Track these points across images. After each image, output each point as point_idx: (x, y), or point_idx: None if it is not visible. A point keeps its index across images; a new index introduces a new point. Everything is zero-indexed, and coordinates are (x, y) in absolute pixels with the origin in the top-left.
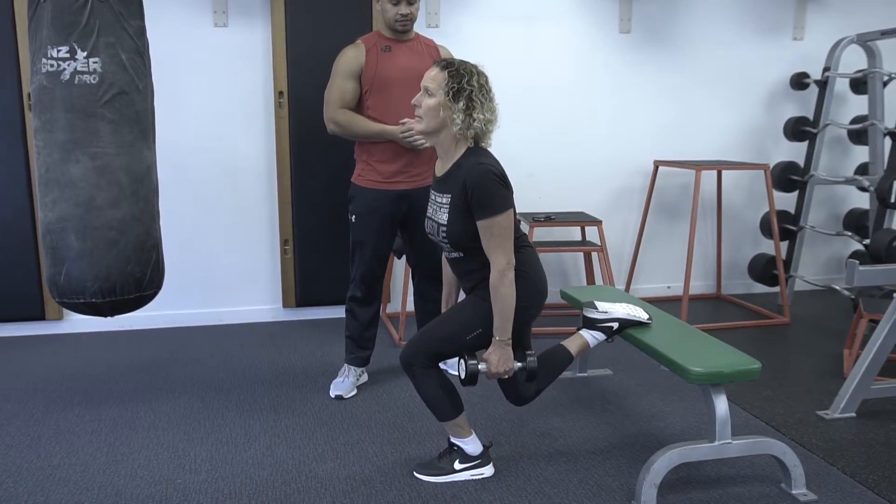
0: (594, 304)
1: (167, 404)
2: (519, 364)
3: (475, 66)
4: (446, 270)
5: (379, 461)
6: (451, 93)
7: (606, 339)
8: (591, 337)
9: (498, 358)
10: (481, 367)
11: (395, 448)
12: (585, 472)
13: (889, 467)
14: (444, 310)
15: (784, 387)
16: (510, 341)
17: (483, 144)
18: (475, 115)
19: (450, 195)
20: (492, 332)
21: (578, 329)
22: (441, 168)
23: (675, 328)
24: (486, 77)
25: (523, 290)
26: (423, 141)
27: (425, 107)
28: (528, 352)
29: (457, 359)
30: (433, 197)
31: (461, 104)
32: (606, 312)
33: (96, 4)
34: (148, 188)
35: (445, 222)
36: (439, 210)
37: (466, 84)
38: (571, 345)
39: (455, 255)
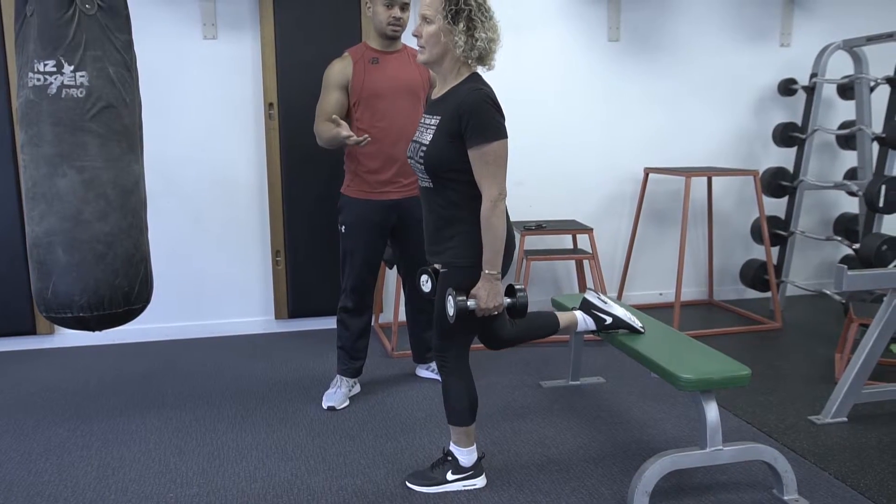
0: (598, 293)
1: (158, 418)
2: (509, 299)
3: None
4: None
5: (371, 472)
6: (449, 15)
7: (595, 332)
8: (582, 319)
9: (487, 293)
10: (470, 303)
11: (387, 459)
12: (578, 481)
13: (880, 471)
14: None
15: (776, 392)
16: (500, 275)
17: (487, 65)
18: (477, 35)
19: (440, 116)
20: (474, 305)
21: (573, 309)
22: (437, 92)
23: (666, 335)
24: None
25: None
26: (358, 139)
27: (426, 35)
28: (518, 286)
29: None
30: (423, 119)
31: (461, 25)
32: (607, 304)
33: (83, 18)
34: (136, 201)
35: (427, 142)
36: (425, 132)
37: (464, 4)
38: (562, 316)
39: (426, 183)
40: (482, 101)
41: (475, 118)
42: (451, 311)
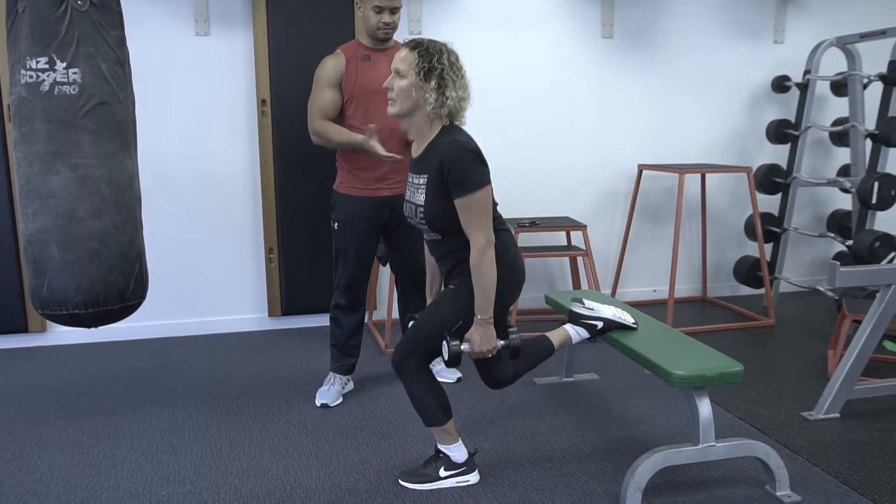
0: (582, 301)
1: (151, 415)
2: (502, 342)
3: (445, 45)
4: (428, 256)
5: (364, 469)
6: (422, 72)
7: (589, 339)
8: (574, 332)
9: (480, 337)
10: (464, 347)
11: (380, 456)
12: (571, 478)
13: (873, 467)
14: (428, 297)
15: (768, 388)
16: (492, 320)
17: (458, 122)
18: (448, 94)
19: (426, 175)
20: (470, 321)
21: (563, 323)
22: (417, 149)
23: (659, 332)
24: (457, 55)
25: (500, 277)
26: (393, 155)
27: (397, 89)
28: (511, 328)
29: (443, 363)
30: (410, 179)
31: (433, 83)
32: (593, 310)
33: (75, 15)
34: (130, 198)
35: (423, 203)
36: (416, 191)
37: (437, 62)
38: (554, 336)
39: (433, 236)
40: (461, 153)
41: (455, 170)
42: (445, 355)
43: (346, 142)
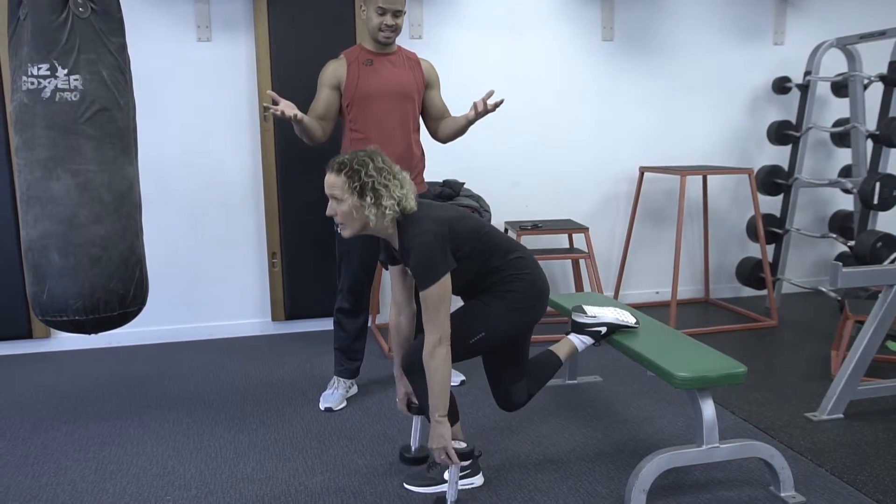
0: (583, 309)
1: (156, 420)
2: (462, 445)
3: (367, 153)
4: (398, 332)
5: (369, 473)
6: (355, 193)
7: (594, 344)
8: (579, 341)
9: (432, 436)
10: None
11: (385, 459)
12: (575, 480)
13: (877, 467)
14: (398, 377)
15: (772, 389)
16: (445, 419)
17: (408, 212)
18: (385, 203)
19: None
20: (496, 337)
21: (567, 334)
22: (396, 248)
23: (661, 333)
24: (382, 156)
25: (522, 291)
26: (281, 111)
27: (341, 214)
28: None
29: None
30: (407, 271)
31: (369, 198)
32: (595, 317)
33: (77, 22)
34: (130, 204)
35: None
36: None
37: (366, 177)
38: (560, 350)
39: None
40: (419, 249)
41: (415, 269)
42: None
43: (307, 126)
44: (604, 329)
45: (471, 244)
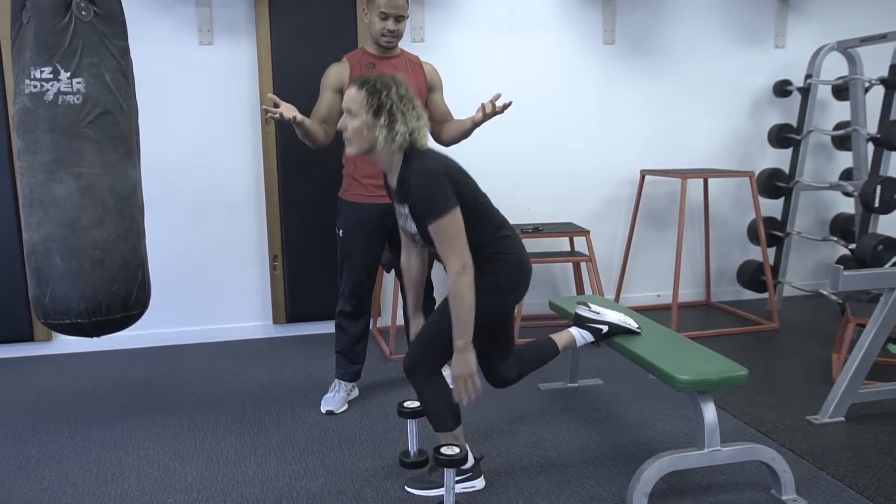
0: (588, 304)
1: (157, 423)
2: (455, 450)
3: (393, 78)
4: (409, 274)
5: (370, 476)
6: (371, 110)
7: (594, 343)
8: (579, 335)
9: (455, 363)
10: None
11: (386, 463)
12: (577, 483)
13: (878, 471)
14: (413, 317)
15: (773, 392)
16: (469, 346)
17: (419, 148)
18: (397, 129)
19: (407, 205)
20: (484, 322)
21: (569, 326)
22: (393, 180)
23: (662, 336)
24: (406, 86)
25: (507, 273)
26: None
27: (351, 129)
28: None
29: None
30: (397, 208)
31: (383, 119)
32: (598, 314)
33: (79, 25)
34: (133, 207)
35: (416, 231)
36: (407, 221)
37: (385, 98)
38: (559, 339)
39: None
40: (424, 182)
41: (421, 200)
42: None
43: (308, 129)
44: (605, 328)
45: (469, 207)
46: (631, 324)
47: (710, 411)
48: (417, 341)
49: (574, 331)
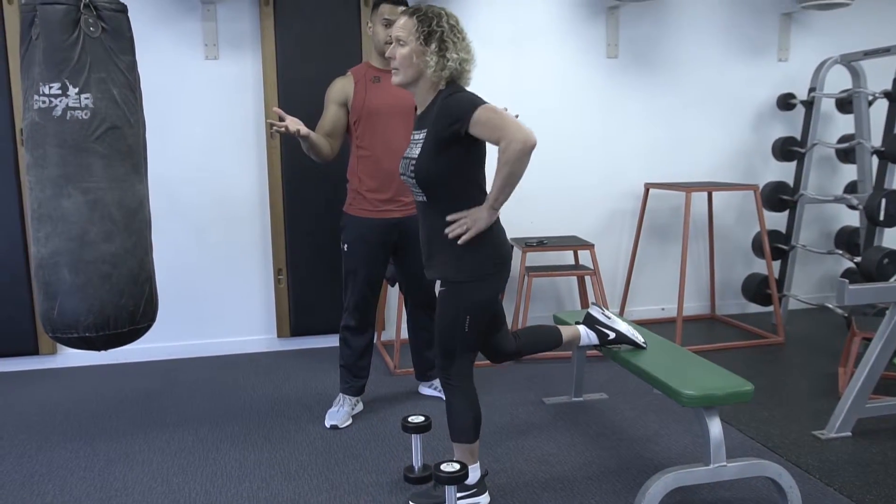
0: (602, 307)
1: (161, 437)
2: (455, 466)
3: (443, 9)
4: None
5: (374, 491)
6: (421, 37)
7: (597, 347)
8: (585, 334)
9: (478, 216)
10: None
11: (390, 477)
12: (582, 499)
13: (886, 486)
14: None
15: (779, 407)
16: (496, 214)
17: (462, 83)
18: (448, 56)
19: (425, 129)
20: (477, 313)
21: (577, 323)
22: (420, 110)
23: (668, 351)
24: (456, 18)
25: (492, 249)
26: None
27: (399, 57)
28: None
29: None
30: (412, 137)
31: (433, 46)
32: (610, 319)
33: (88, 41)
34: (141, 221)
35: (416, 157)
36: (415, 147)
37: (436, 26)
38: (565, 330)
39: (421, 197)
40: (455, 95)
41: (454, 107)
42: None
43: (314, 142)
44: (612, 334)
45: (476, 163)
46: (638, 338)
47: (715, 426)
48: (437, 354)
49: (581, 328)
